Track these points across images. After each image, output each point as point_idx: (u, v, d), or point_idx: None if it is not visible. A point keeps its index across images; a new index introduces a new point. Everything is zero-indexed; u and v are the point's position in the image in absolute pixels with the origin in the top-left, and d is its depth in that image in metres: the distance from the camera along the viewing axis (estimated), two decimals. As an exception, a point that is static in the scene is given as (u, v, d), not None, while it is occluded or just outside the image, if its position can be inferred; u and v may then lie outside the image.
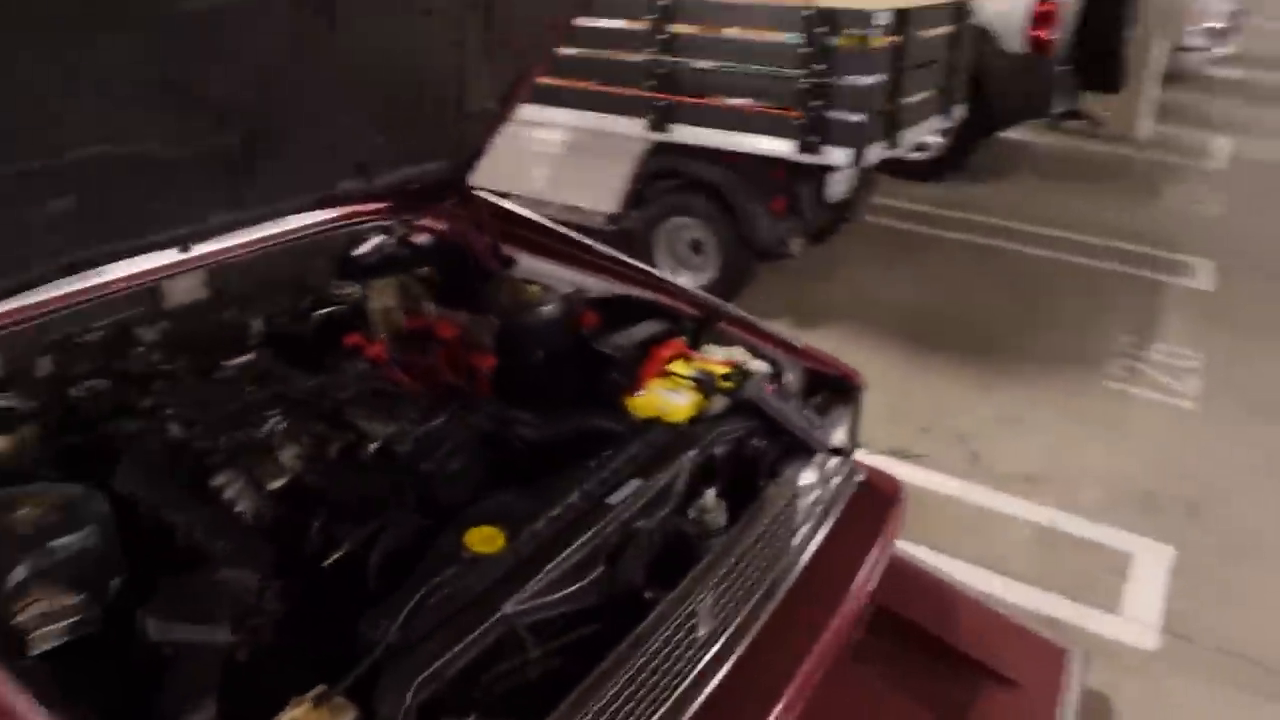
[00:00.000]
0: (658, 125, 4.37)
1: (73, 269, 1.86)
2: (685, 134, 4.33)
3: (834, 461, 2.18)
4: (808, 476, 2.03)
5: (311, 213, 2.48)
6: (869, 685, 2.14)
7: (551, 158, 4.92)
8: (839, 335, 4.56)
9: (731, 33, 4.09)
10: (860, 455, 3.20)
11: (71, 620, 1.35)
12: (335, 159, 2.25)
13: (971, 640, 2.30)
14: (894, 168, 6.76)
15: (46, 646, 1.31)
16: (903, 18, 3.98)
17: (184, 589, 1.39)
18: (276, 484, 1.68)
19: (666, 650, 1.52)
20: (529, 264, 2.63)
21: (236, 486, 1.65)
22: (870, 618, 2.24)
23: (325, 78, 1.93)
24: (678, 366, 2.13)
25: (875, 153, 4.10)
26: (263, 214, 2.22)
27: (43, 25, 1.37)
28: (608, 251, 2.55)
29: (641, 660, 1.45)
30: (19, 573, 1.37)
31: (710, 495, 1.83)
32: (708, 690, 1.62)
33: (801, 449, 2.01)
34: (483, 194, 2.73)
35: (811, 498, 2.07)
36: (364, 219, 2.65)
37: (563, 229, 2.68)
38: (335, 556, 1.54)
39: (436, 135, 2.45)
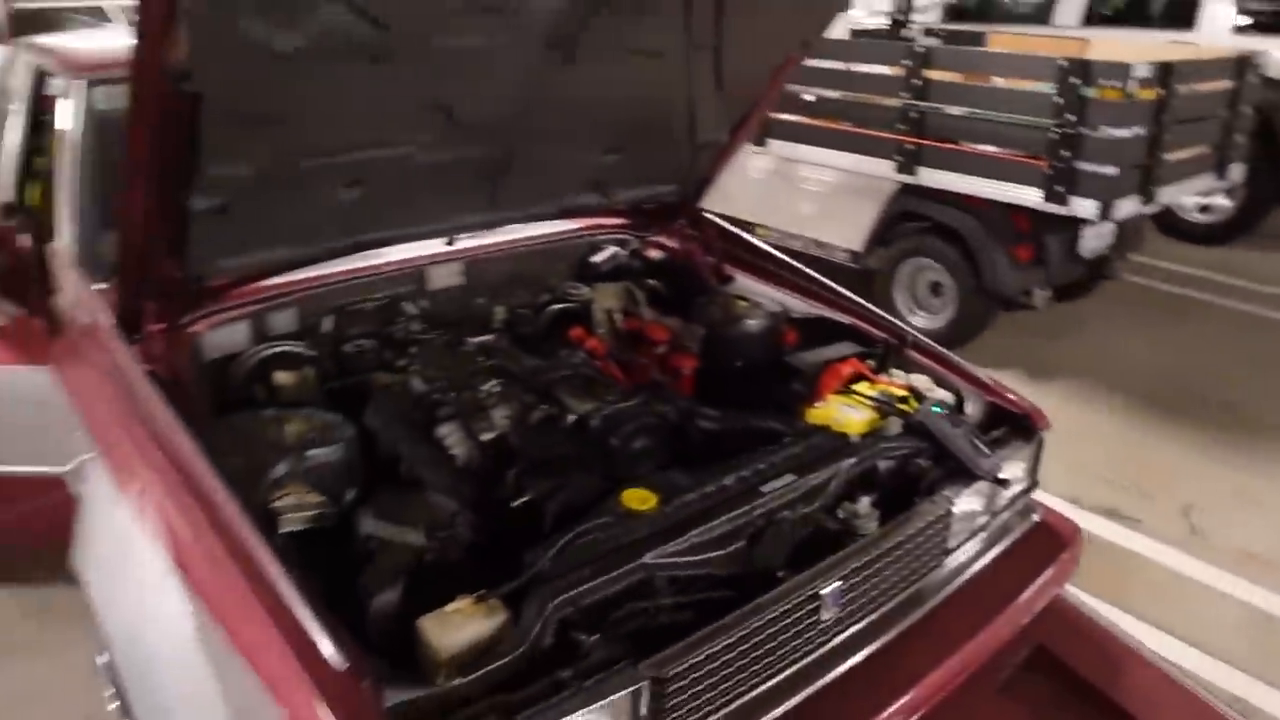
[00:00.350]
0: (906, 168, 4.47)
1: (357, 248, 2.30)
2: (932, 178, 4.40)
3: (1007, 495, 2.23)
4: (968, 501, 2.10)
5: (557, 222, 2.84)
6: (1012, 717, 2.16)
7: (803, 194, 5.14)
8: (1070, 391, 4.43)
9: (983, 81, 4.12)
10: (1068, 509, 3.20)
11: (313, 513, 1.73)
12: (576, 176, 2.59)
13: (1132, 696, 2.25)
14: (1173, 228, 6.41)
15: (291, 529, 1.68)
16: (1167, 71, 3.85)
17: (395, 500, 1.73)
18: (486, 437, 2.01)
19: (788, 624, 1.68)
20: (744, 283, 2.85)
21: (455, 435, 2.00)
22: (1029, 656, 2.27)
23: (568, 106, 2.26)
24: (861, 387, 2.28)
25: (1127, 207, 3.98)
26: (511, 217, 2.61)
27: (343, 58, 1.76)
28: (816, 277, 2.73)
29: (761, 625, 1.62)
30: (280, 469, 1.77)
31: (865, 502, 1.96)
32: (827, 673, 1.76)
33: (966, 475, 2.09)
34: (711, 217, 2.99)
35: (974, 523, 2.15)
36: (604, 231, 2.99)
37: (778, 254, 2.89)
38: (520, 501, 1.84)
39: (669, 162, 2.74)
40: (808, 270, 2.77)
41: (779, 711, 1.69)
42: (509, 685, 1.42)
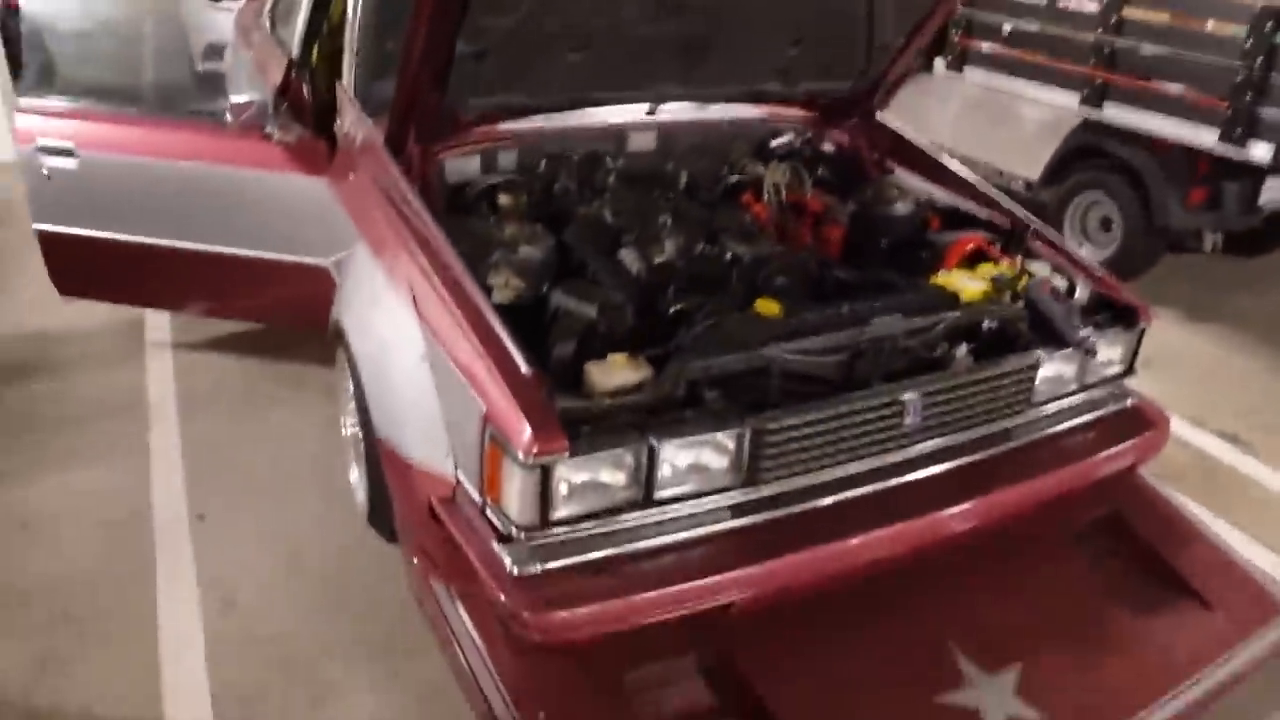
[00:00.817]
0: (1092, 101, 4.60)
1: (576, 104, 2.81)
2: (1116, 114, 4.52)
3: (1100, 371, 2.54)
4: (1058, 366, 2.43)
5: (748, 106, 3.26)
6: (1078, 562, 2.50)
7: (990, 122, 5.32)
8: (1225, 334, 4.52)
9: (1179, 21, 4.21)
10: (1188, 427, 3.46)
11: (518, 291, 2.27)
12: (764, 62, 2.99)
13: (1192, 567, 2.52)
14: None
15: (501, 300, 2.23)
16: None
17: (579, 285, 2.25)
18: (658, 259, 2.49)
19: (872, 419, 2.10)
20: (903, 176, 3.20)
21: (631, 255, 2.49)
22: (1105, 520, 2.60)
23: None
24: (987, 266, 2.62)
25: (1305, 155, 4.02)
26: (706, 94, 3.06)
27: None
28: (967, 176, 3.05)
29: (848, 412, 2.05)
30: (497, 256, 2.31)
31: (963, 347, 2.34)
32: (905, 474, 2.17)
33: (1058, 342, 2.41)
34: (881, 119, 3.34)
35: (1064, 386, 2.48)
36: (785, 122, 3.38)
37: (936, 154, 3.22)
38: (676, 307, 2.31)
39: (847, 59, 3.09)
40: (961, 170, 3.10)
41: (856, 493, 2.13)
42: (645, 412, 1.92)
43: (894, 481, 2.19)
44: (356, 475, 2.77)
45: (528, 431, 1.77)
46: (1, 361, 3.68)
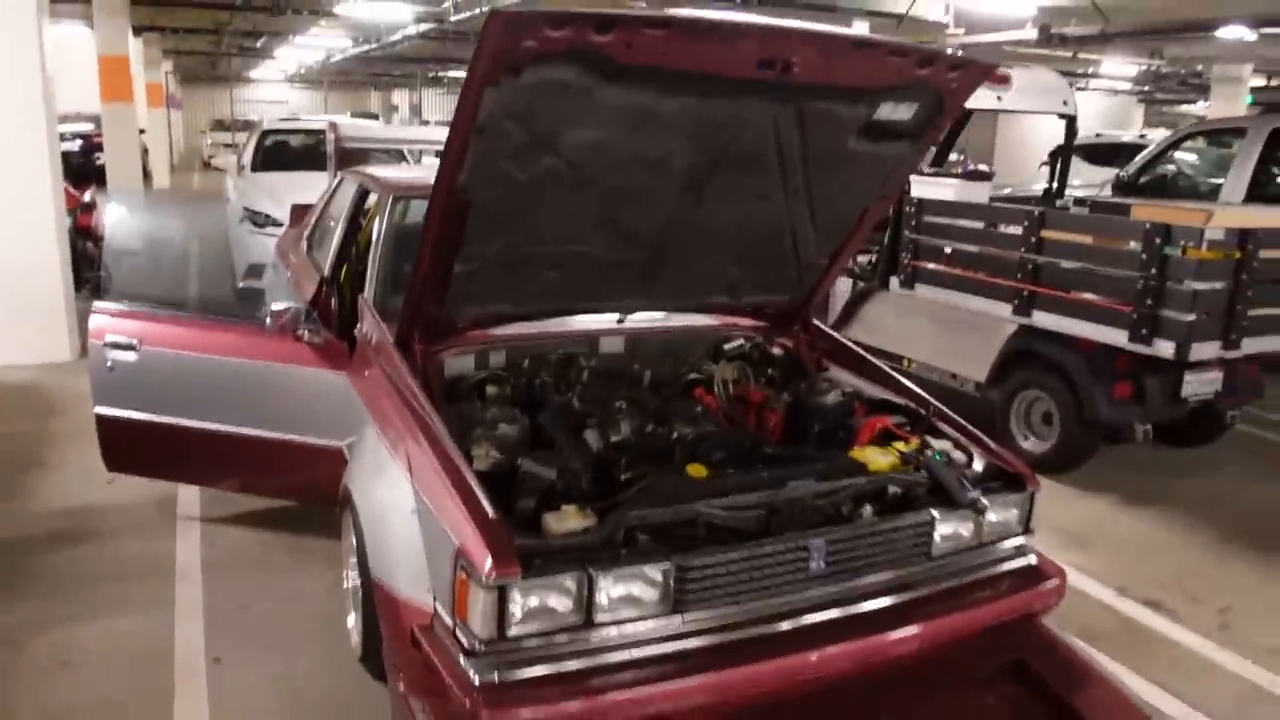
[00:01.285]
0: (1022, 310, 5.22)
1: (554, 313, 3.41)
2: (1043, 320, 5.13)
3: (993, 530, 2.97)
4: (955, 525, 2.87)
5: (708, 316, 3.86)
6: (984, 701, 2.85)
7: (940, 332, 5.95)
8: (1159, 515, 4.93)
9: (1085, 239, 4.89)
10: (1109, 594, 3.85)
11: (494, 460, 2.77)
12: (710, 280, 3.60)
13: (1086, 703, 2.85)
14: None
15: (481, 468, 2.73)
16: (1246, 235, 4.49)
17: (543, 455, 2.75)
18: (614, 437, 3.00)
19: (782, 561, 2.54)
20: (836, 372, 3.75)
21: (594, 434, 3.01)
22: (1010, 668, 2.97)
23: (702, 230, 3.30)
24: (899, 444, 3.12)
25: (1206, 350, 4.56)
26: (662, 306, 3.66)
27: (553, 186, 2.87)
28: (885, 369, 3.60)
29: (760, 554, 2.50)
30: (479, 432, 2.83)
31: (868, 508, 2.80)
32: (812, 613, 2.58)
33: (951, 503, 2.87)
34: (817, 323, 3.93)
35: (960, 542, 2.90)
36: (740, 329, 3.97)
37: (866, 354, 3.78)
38: (628, 475, 2.80)
39: (781, 276, 3.70)
40: (882, 365, 3.65)
41: (768, 630, 2.53)
42: (588, 550, 2.38)
43: (805, 620, 2.60)
44: (353, 620, 3.19)
45: (489, 559, 2.23)
46: (52, 528, 4.19)
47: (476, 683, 2.24)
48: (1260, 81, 19.92)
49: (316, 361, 3.67)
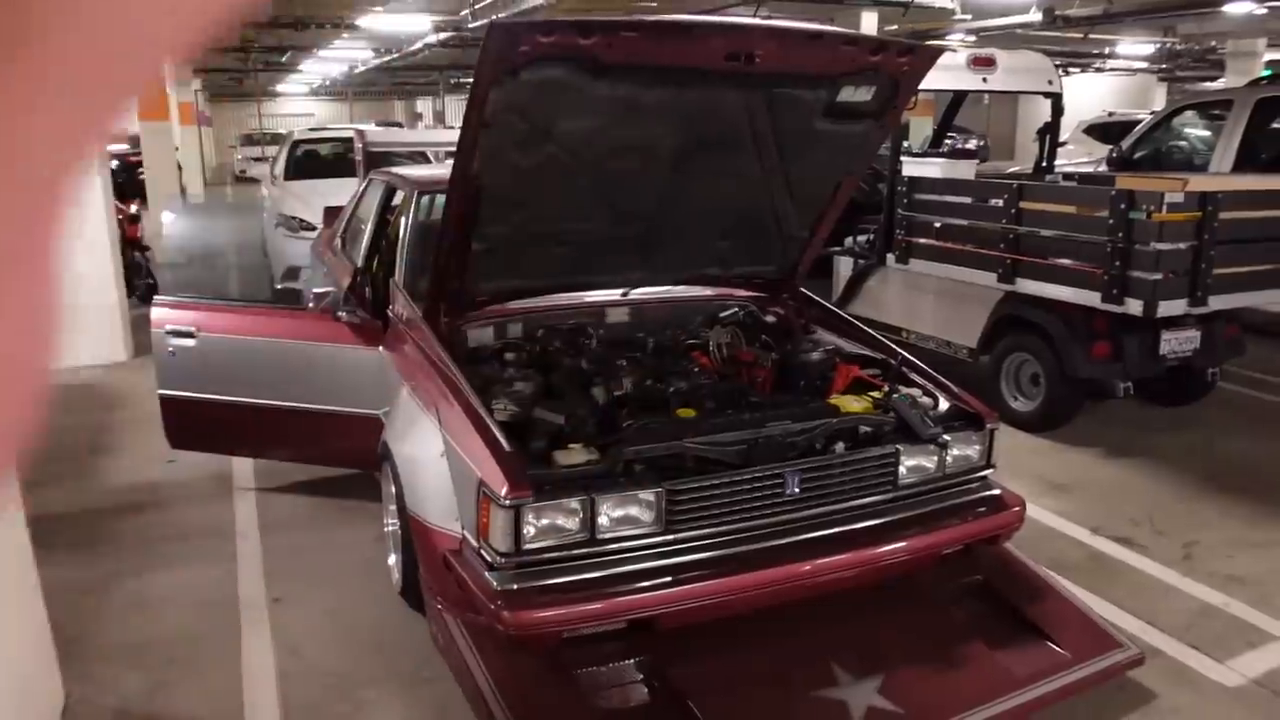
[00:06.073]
0: (1007, 278, 5.57)
1: (564, 288, 3.82)
2: (1026, 286, 5.48)
3: (956, 463, 3.34)
4: (919, 458, 3.25)
5: (707, 288, 4.26)
6: (948, 610, 3.23)
7: (934, 303, 6.31)
8: (1140, 465, 5.26)
9: (1060, 209, 5.23)
10: (1083, 533, 4.21)
11: (510, 413, 3.19)
12: (701, 253, 4.01)
13: (1040, 613, 3.24)
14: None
15: (500, 419, 3.14)
16: (1206, 198, 4.81)
17: (552, 405, 3.16)
18: (618, 392, 3.41)
19: (761, 488, 2.93)
20: (822, 334, 4.14)
21: (600, 390, 3.42)
22: (973, 587, 3.35)
23: (691, 206, 3.70)
24: (873, 393, 3.51)
25: (1173, 307, 4.89)
26: (660, 278, 4.06)
27: (555, 171, 3.29)
28: (866, 330, 3.98)
29: (741, 480, 2.90)
30: (498, 389, 3.25)
31: (840, 445, 3.18)
32: (789, 535, 2.97)
33: (914, 438, 3.25)
34: (804, 291, 4.32)
35: (925, 474, 3.28)
36: (732, 299, 4.37)
37: (848, 318, 4.16)
38: (629, 423, 3.21)
39: (767, 248, 4.10)
40: (862, 326, 4.04)
41: (748, 548, 2.92)
42: (590, 478, 2.79)
43: (782, 540, 2.99)
44: (393, 560, 3.63)
45: (506, 485, 2.65)
46: (121, 501, 4.67)
47: (498, 589, 2.65)
48: (1276, 55, 19.93)
49: (354, 339, 4.11)
